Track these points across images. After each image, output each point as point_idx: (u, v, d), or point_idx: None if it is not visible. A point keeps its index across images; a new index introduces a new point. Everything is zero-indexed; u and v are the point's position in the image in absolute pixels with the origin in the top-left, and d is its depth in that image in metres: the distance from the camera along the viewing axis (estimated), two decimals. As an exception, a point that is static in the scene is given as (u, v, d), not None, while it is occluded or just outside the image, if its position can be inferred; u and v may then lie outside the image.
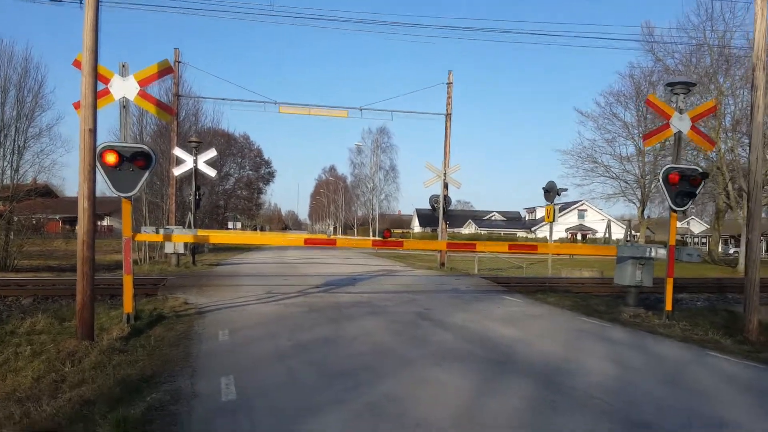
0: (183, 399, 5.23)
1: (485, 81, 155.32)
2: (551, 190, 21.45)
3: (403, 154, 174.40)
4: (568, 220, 75.67)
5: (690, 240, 74.89)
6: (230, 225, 55.82)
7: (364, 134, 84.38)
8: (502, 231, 79.63)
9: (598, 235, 72.28)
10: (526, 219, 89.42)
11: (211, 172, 22.30)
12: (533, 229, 77.36)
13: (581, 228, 75.82)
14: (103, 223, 61.93)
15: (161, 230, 11.79)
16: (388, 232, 11.62)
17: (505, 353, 7.55)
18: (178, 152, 21.57)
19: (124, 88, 9.33)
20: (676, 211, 10.84)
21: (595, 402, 5.41)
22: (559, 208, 22.05)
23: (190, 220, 20.70)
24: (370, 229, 79.20)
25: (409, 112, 24.98)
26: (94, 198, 8.03)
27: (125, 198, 9.05)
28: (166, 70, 9.77)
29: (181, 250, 20.02)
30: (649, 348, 8.25)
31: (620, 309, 11.51)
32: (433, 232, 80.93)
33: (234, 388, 5.58)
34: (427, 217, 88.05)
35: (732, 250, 58.45)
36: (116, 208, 31.67)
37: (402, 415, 4.91)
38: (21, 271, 23.41)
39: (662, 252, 11.11)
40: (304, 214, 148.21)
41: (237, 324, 9.26)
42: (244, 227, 70.13)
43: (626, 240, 11.80)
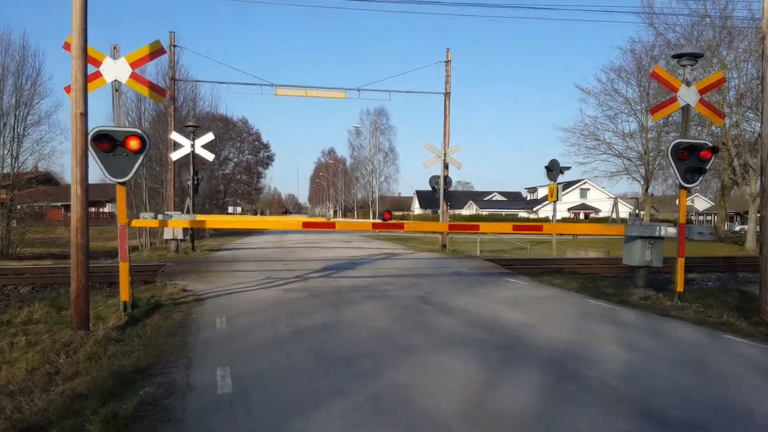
0: (177, 392, 5.02)
1: (483, 59, 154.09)
2: (554, 169, 21.15)
3: (402, 135, 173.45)
4: (570, 199, 75.28)
5: (695, 217, 74.47)
6: (230, 210, 55.70)
7: (363, 116, 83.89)
8: (504, 211, 79.35)
9: (601, 214, 71.99)
10: (528, 199, 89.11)
11: (209, 156, 22.00)
12: (535, 208, 77.04)
13: (584, 207, 75.53)
14: (105, 209, 61.79)
15: (160, 216, 11.59)
16: (388, 213, 11.38)
17: (513, 338, 7.34)
18: (176, 137, 21.26)
19: (115, 70, 9.04)
20: (685, 188, 10.54)
21: (612, 391, 5.18)
22: (561, 187, 21.74)
23: (188, 206, 20.45)
24: (370, 212, 78.98)
25: (408, 91, 24.49)
26: (86, 183, 7.79)
27: (119, 183, 8.82)
28: (157, 51, 9.47)
29: (180, 236, 19.76)
30: (663, 331, 8.02)
31: (629, 290, 11.28)
32: (434, 213, 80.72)
33: (230, 380, 5.37)
34: (427, 199, 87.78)
35: (738, 228, 58.07)
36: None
37: (406, 407, 4.70)
38: (23, 259, 23.28)
39: (672, 231, 10.85)
40: (304, 197, 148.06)
41: (235, 311, 9.07)
42: (244, 212, 70.01)
43: (634, 218, 11.52)
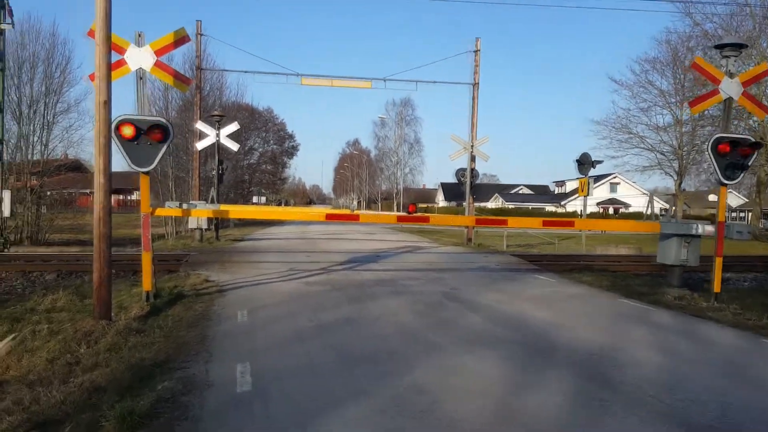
0: (195, 389, 4.88)
1: (511, 49, 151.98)
2: (585, 162, 20.62)
3: (427, 125, 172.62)
4: (599, 193, 73.84)
5: (728, 215, 72.62)
6: (255, 199, 56.00)
7: (388, 107, 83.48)
8: (530, 205, 78.36)
9: (631, 209, 70.62)
10: (555, 192, 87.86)
11: (234, 146, 21.98)
12: (563, 202, 75.93)
13: (613, 202, 74.18)
14: (132, 197, 62.63)
15: (184, 205, 11.55)
16: (413, 206, 11.14)
17: (543, 339, 7.06)
18: (201, 126, 21.29)
19: (140, 58, 8.96)
20: (725, 185, 10.13)
21: (650, 400, 4.88)
22: (592, 180, 21.22)
23: (213, 195, 20.48)
24: (394, 204, 78.78)
25: (435, 82, 24.05)
26: (110, 172, 7.72)
27: (143, 173, 8.75)
28: (182, 39, 9.34)
29: (205, 225, 19.86)
30: (700, 334, 7.66)
31: (663, 290, 10.86)
32: (459, 206, 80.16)
33: (250, 376, 5.21)
34: (452, 191, 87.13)
35: (774, 225, 56.41)
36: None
37: (431, 410, 4.48)
38: (52, 245, 23.63)
39: (709, 229, 10.48)
40: (328, 188, 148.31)
41: (257, 303, 8.95)
42: (268, 201, 70.38)
43: (672, 215, 11.09)
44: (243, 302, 8.95)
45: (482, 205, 76.36)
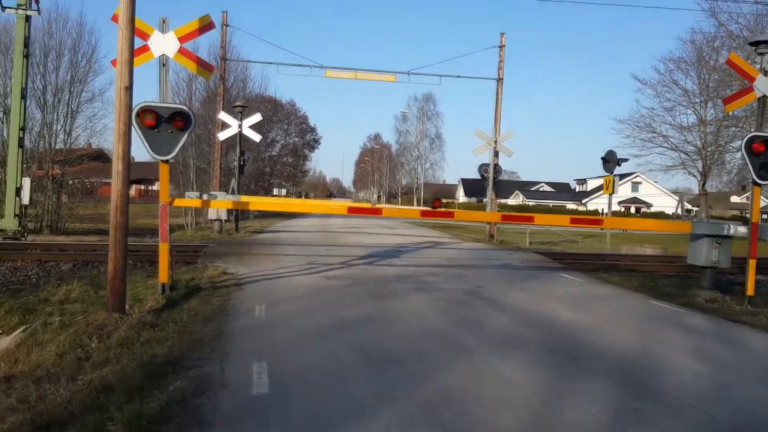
0: (209, 390, 4.60)
1: (534, 46, 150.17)
2: (611, 160, 20.07)
3: (448, 121, 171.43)
4: (621, 192, 72.68)
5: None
6: (275, 191, 55.92)
7: (410, 101, 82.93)
8: (551, 202, 77.37)
9: (653, 209, 69.41)
10: (577, 190, 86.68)
11: (256, 137, 21.79)
12: (584, 201, 74.87)
13: (635, 201, 72.96)
14: (153, 187, 63.05)
15: (204, 196, 11.35)
16: (437, 201, 10.79)
17: (574, 342, 6.68)
18: (224, 116, 21.12)
19: (163, 44, 8.77)
20: (759, 185, 9.80)
21: (693, 411, 4.51)
22: (617, 179, 20.67)
23: (233, 186, 20.30)
24: (414, 198, 78.36)
25: (459, 76, 23.60)
26: (128, 160, 7.49)
27: (163, 161, 8.53)
28: (207, 25, 9.11)
29: (224, 217, 19.72)
30: (736, 339, 7.24)
31: (693, 292, 10.44)
32: (479, 202, 79.44)
33: (267, 377, 4.93)
34: (472, 187, 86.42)
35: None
36: (169, 173, 31.74)
37: (461, 420, 4.15)
38: (72, 234, 23.68)
39: (742, 230, 10.11)
40: (348, 181, 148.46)
41: (275, 297, 8.68)
42: (289, 194, 70.36)
43: (694, 216, 10.58)
44: (261, 296, 8.70)
45: (503, 201, 75.49)
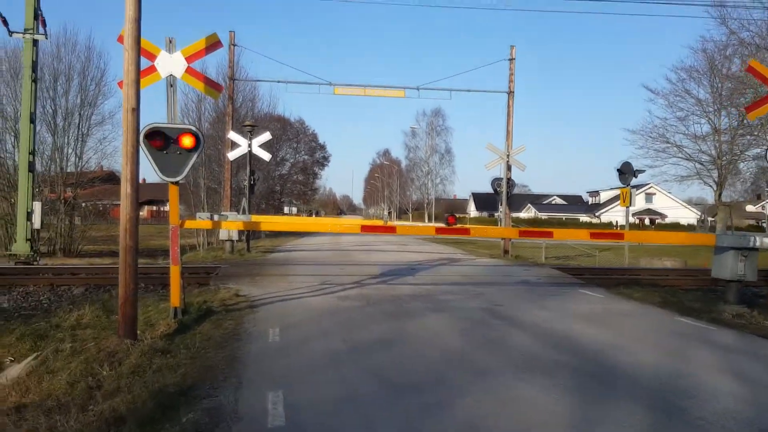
0: (222, 422, 4.39)
1: (543, 58, 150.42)
2: (627, 172, 19.77)
3: (457, 135, 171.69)
4: (634, 203, 72.14)
5: (769, 225, 70.03)
6: (286, 210, 56.03)
7: (419, 117, 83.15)
8: (564, 215, 76.84)
9: (668, 220, 68.69)
10: (590, 203, 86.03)
11: (266, 156, 21.74)
12: (597, 213, 74.25)
13: (649, 212, 72.21)
14: (165, 208, 63.37)
15: (215, 216, 11.21)
16: (452, 217, 10.54)
17: (601, 363, 6.41)
18: (233, 136, 21.11)
19: (170, 64, 8.70)
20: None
21: (737, 440, 4.24)
22: (634, 191, 20.34)
23: (244, 206, 20.21)
24: (425, 214, 78.11)
25: (469, 90, 23.47)
26: (137, 182, 7.39)
27: (172, 183, 8.41)
28: (214, 44, 9.03)
29: (236, 237, 19.59)
30: (772, 358, 6.92)
31: (719, 307, 10.11)
32: (490, 216, 79.02)
33: (282, 408, 4.70)
34: (483, 201, 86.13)
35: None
36: (180, 193, 31.83)
37: (489, 454, 3.91)
38: (85, 256, 23.68)
39: None
40: (358, 198, 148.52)
41: (289, 320, 8.47)
42: (300, 212, 70.43)
43: (727, 226, 10.27)
44: (274, 319, 8.49)
45: (515, 215, 75.10)
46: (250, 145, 20.48)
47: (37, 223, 15.79)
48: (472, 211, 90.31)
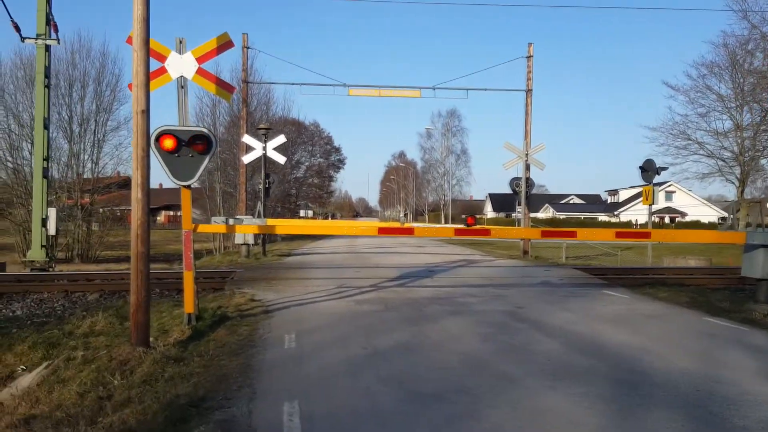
0: (235, 437, 4.17)
1: (558, 56, 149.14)
2: (649, 169, 19.31)
3: (473, 135, 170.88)
4: (657, 202, 71.01)
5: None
6: (302, 213, 55.91)
7: (434, 118, 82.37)
8: (582, 215, 75.92)
9: (688, 218, 67.56)
10: (608, 202, 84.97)
11: (281, 159, 21.59)
12: (616, 212, 73.25)
13: (669, 210, 71.08)
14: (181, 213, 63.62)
15: (231, 221, 11.05)
16: (471, 218, 10.25)
17: (632, 369, 6.08)
18: (248, 139, 20.98)
19: (181, 66, 8.53)
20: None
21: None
22: (656, 189, 19.86)
23: (259, 210, 20.07)
24: (442, 215, 77.60)
25: (486, 89, 23.11)
26: (148, 187, 7.18)
27: (184, 186, 8.23)
28: (225, 44, 8.83)
29: (251, 241, 19.46)
30: (814, 362, 6.54)
31: (749, 306, 9.74)
32: (507, 217, 78.35)
33: (299, 420, 4.46)
34: (500, 202, 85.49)
35: None
36: (195, 197, 31.86)
37: (520, 471, 3.63)
38: (102, 262, 23.75)
39: (801, 239, 9.37)
40: (374, 200, 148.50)
41: (305, 325, 8.24)
42: (315, 215, 70.38)
43: (757, 224, 9.83)
44: (290, 325, 8.27)
45: (533, 215, 74.27)
46: (264, 148, 20.35)
47: (52, 230, 15.77)
48: (489, 212, 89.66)
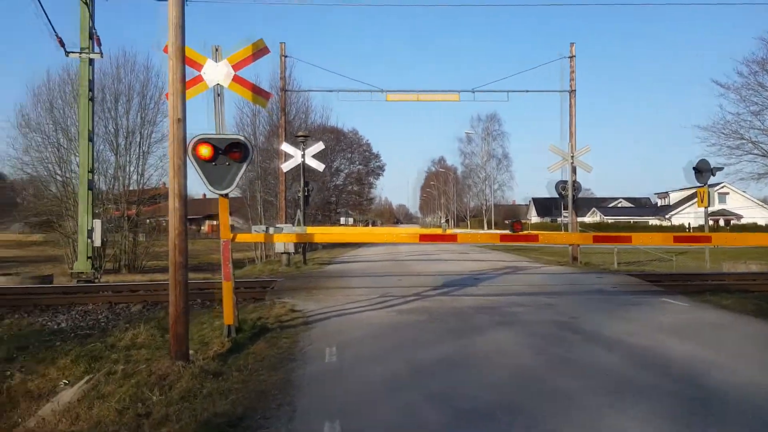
0: (273, 463, 3.89)
1: (603, 55, 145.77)
2: (703, 170, 18.39)
3: (514, 139, 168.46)
4: (712, 204, 68.20)
5: None
6: (342, 220, 56.06)
7: (473, 122, 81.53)
8: (631, 218, 73.63)
9: (743, 221, 64.78)
10: (658, 205, 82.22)
11: (319, 166, 21.48)
12: (667, 215, 70.75)
13: (723, 213, 68.21)
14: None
15: (271, 229, 10.91)
16: (518, 224, 9.85)
17: (702, 385, 5.55)
18: (286, 147, 20.97)
19: (217, 73, 8.42)
20: None
21: None
22: (712, 191, 18.91)
23: (299, 218, 19.99)
24: (484, 221, 76.62)
25: (527, 91, 22.53)
26: (185, 196, 7.04)
27: (221, 195, 8.08)
28: (260, 51, 8.69)
29: (292, 249, 19.37)
30: None
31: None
32: (552, 221, 76.68)
33: (341, 444, 4.17)
34: (544, 206, 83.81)
35: None
36: (237, 207, 32.19)
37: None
38: (148, 272, 24.12)
39: None
40: (414, 207, 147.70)
41: (346, 337, 7.95)
42: (356, 222, 70.46)
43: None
44: (331, 337, 7.99)
45: (579, 219, 72.47)
46: (303, 156, 20.28)
47: (97, 241, 16.00)
48: (533, 217, 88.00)
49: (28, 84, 47.03)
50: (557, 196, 23.22)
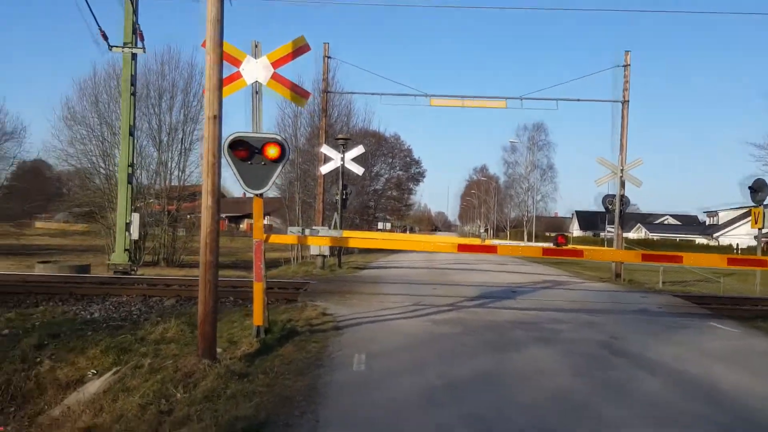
0: (291, 477, 3.67)
1: (653, 67, 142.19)
2: (760, 190, 17.48)
3: (560, 150, 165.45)
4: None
5: None
6: (380, 225, 55.87)
7: (519, 131, 79.99)
8: (677, 236, 71.31)
9: (798, 244, 61.83)
10: (707, 224, 79.42)
11: (359, 170, 21.31)
12: (715, 235, 68.26)
13: (776, 235, 65.46)
14: (265, 221, 65.36)
15: (307, 231, 10.80)
16: (562, 237, 9.41)
17: (753, 419, 5.12)
18: (326, 150, 20.90)
19: (256, 70, 8.30)
20: None
21: None
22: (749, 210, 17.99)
23: (335, 221, 19.87)
24: (525, 232, 75.23)
25: (578, 100, 21.90)
26: (218, 194, 6.93)
27: (256, 195, 7.96)
28: (301, 48, 8.53)
29: (327, 252, 19.26)
30: None
31: None
32: (595, 236, 74.88)
33: (364, 461, 3.92)
34: (587, 220, 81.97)
35: None
36: (277, 207, 32.34)
37: None
38: (185, 266, 24.43)
39: None
40: (453, 215, 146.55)
41: (377, 346, 7.70)
42: (393, 228, 70.28)
43: None
44: (361, 344, 7.76)
45: (624, 235, 70.73)
46: (342, 159, 20.17)
47: (135, 234, 16.19)
48: (575, 231, 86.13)
49: (74, 78, 48.57)
50: (603, 209, 22.51)
